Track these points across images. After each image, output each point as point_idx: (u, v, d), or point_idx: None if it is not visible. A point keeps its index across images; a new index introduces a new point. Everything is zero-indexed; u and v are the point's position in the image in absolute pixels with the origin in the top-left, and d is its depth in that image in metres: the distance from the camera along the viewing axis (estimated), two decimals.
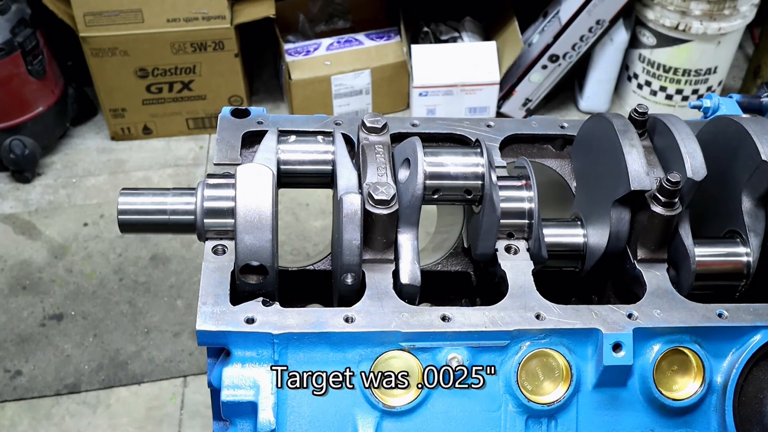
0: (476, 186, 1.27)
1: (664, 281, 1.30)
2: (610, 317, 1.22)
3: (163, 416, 2.86)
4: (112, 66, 3.68)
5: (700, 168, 1.29)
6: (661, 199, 1.28)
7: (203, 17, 3.60)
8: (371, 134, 1.33)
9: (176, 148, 3.94)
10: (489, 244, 1.29)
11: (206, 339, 1.16)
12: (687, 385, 1.25)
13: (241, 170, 1.21)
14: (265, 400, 1.14)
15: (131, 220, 1.30)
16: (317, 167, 1.37)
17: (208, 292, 1.19)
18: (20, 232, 3.49)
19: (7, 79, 3.46)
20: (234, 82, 3.87)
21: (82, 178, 3.76)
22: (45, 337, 3.09)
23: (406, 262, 1.25)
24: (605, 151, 1.33)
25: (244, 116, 1.45)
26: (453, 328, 1.18)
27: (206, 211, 1.26)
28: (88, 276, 3.31)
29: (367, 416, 1.18)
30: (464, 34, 4.13)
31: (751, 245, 1.35)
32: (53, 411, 2.87)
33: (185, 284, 3.28)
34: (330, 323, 1.17)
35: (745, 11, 3.74)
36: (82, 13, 3.51)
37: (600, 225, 1.34)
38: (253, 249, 1.19)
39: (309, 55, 3.94)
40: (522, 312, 1.21)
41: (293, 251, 3.41)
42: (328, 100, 3.96)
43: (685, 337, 1.23)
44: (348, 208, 1.20)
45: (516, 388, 1.19)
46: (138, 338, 3.09)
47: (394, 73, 3.99)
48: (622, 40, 3.95)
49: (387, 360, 1.18)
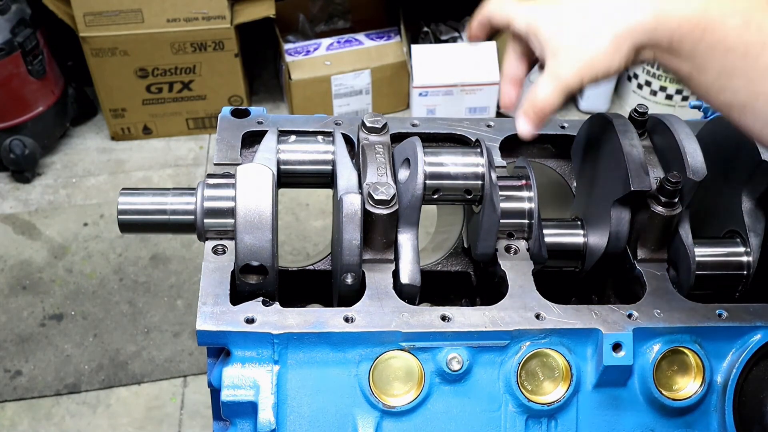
0: (476, 186, 1.27)
1: (664, 281, 1.30)
2: (610, 317, 1.22)
3: (163, 416, 2.86)
4: (112, 66, 3.68)
5: (700, 168, 1.29)
6: (661, 199, 1.28)
7: (203, 17, 3.60)
8: (371, 134, 1.33)
9: (176, 148, 3.94)
10: (489, 244, 1.29)
11: (206, 339, 1.16)
12: (687, 385, 1.25)
13: (241, 170, 1.21)
14: (265, 400, 1.14)
15: (131, 220, 1.30)
16: (317, 167, 1.37)
17: (208, 292, 1.19)
18: (20, 232, 3.49)
19: (7, 79, 3.46)
20: (234, 82, 3.87)
21: (82, 178, 3.76)
22: (45, 337, 3.09)
23: (406, 262, 1.25)
24: (605, 151, 1.33)
25: (244, 116, 1.45)
26: (453, 328, 1.18)
27: (206, 211, 1.26)
28: (88, 276, 3.31)
29: (367, 416, 1.18)
30: (464, 34, 4.13)
31: (751, 245, 1.35)
32: (53, 411, 2.87)
33: (185, 284, 3.28)
34: (330, 323, 1.17)
35: None
36: (82, 13, 3.51)
37: (600, 225, 1.34)
38: (253, 249, 1.19)
39: (309, 55, 3.94)
40: (522, 312, 1.21)
41: (293, 251, 3.41)
42: (328, 100, 3.96)
43: (685, 337, 1.23)
44: (348, 208, 1.20)
45: (516, 388, 1.19)
46: (138, 338, 3.09)
47: (394, 73, 3.99)
48: None
49: (387, 360, 1.18)
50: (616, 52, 1.04)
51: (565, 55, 1.06)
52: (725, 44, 0.98)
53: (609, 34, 1.03)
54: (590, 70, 1.05)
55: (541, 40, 1.09)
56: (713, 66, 1.00)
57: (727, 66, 0.99)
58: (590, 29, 1.04)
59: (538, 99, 1.09)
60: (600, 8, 1.05)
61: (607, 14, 1.04)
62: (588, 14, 1.05)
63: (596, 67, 1.05)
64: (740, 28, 0.98)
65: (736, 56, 0.98)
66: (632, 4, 1.03)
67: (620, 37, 1.03)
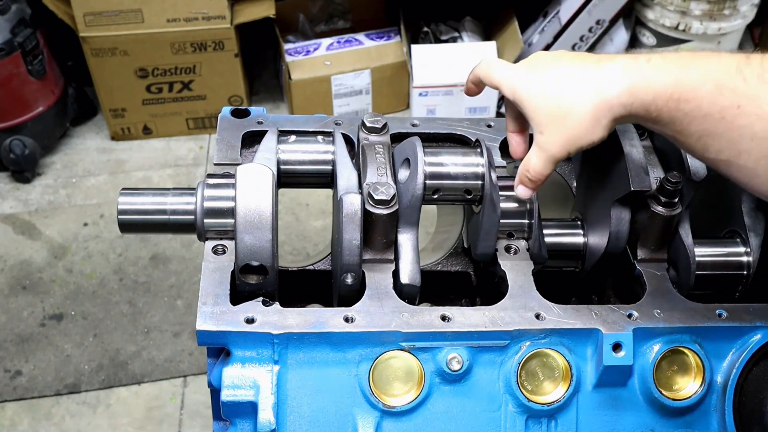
0: (476, 186, 1.27)
1: (664, 281, 1.30)
2: (610, 317, 1.22)
3: (163, 416, 2.86)
4: (112, 66, 3.68)
5: (700, 168, 1.29)
6: (661, 199, 1.28)
7: (203, 17, 3.60)
8: (371, 134, 1.33)
9: (176, 148, 3.94)
10: (489, 244, 1.29)
11: (206, 339, 1.16)
12: (687, 385, 1.25)
13: (241, 170, 1.21)
14: (265, 400, 1.14)
15: (131, 220, 1.30)
16: (317, 167, 1.37)
17: (208, 292, 1.19)
18: (20, 232, 3.49)
19: (7, 79, 3.46)
20: (234, 82, 3.87)
21: (82, 178, 3.76)
22: (45, 337, 3.09)
23: (406, 262, 1.25)
24: (605, 151, 1.33)
25: (244, 116, 1.45)
26: (453, 328, 1.18)
27: (206, 211, 1.26)
28: (88, 276, 3.31)
29: (367, 416, 1.18)
30: (464, 34, 4.13)
31: (751, 245, 1.35)
32: (53, 411, 2.87)
33: (185, 284, 3.28)
34: (330, 323, 1.17)
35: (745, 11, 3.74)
36: (82, 13, 3.51)
37: (600, 225, 1.34)
38: (253, 249, 1.19)
39: (309, 55, 3.94)
40: (522, 312, 1.22)
41: (293, 251, 3.41)
42: (328, 100, 3.96)
43: (685, 337, 1.23)
44: (348, 208, 1.20)
45: (516, 388, 1.19)
46: (138, 338, 3.09)
47: (394, 73, 3.99)
48: (622, 40, 3.95)
49: (387, 360, 1.18)
50: (597, 126, 1.09)
51: (550, 132, 1.12)
52: (701, 111, 1.02)
53: (588, 111, 1.09)
54: (574, 143, 1.12)
55: (526, 112, 1.16)
56: (693, 130, 1.04)
57: (707, 129, 1.03)
58: (570, 106, 1.10)
59: (531, 170, 1.18)
60: (578, 84, 1.10)
61: (584, 91, 1.09)
62: (567, 90, 1.10)
63: (580, 140, 1.11)
64: (713, 94, 1.01)
65: (713, 120, 1.02)
66: (608, 80, 1.07)
67: (599, 113, 1.08)
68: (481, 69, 1.25)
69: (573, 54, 1.14)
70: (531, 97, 1.14)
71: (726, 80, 1.01)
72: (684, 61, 1.04)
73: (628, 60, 1.07)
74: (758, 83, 1.00)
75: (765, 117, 0.99)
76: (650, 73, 1.05)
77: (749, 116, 1.00)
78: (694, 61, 1.04)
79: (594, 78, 1.08)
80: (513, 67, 1.19)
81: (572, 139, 1.11)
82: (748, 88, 1.00)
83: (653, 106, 1.05)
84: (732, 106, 1.00)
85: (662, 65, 1.05)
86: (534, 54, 1.20)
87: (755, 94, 0.99)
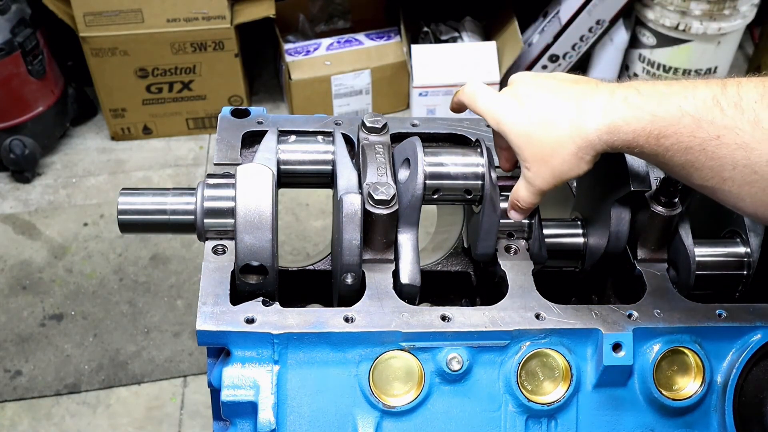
0: (476, 186, 1.27)
1: (664, 281, 1.30)
2: (610, 317, 1.22)
3: (163, 416, 2.86)
4: (112, 66, 3.68)
5: None
6: (661, 199, 1.28)
7: (203, 17, 3.60)
8: (371, 134, 1.33)
9: (176, 148, 3.94)
10: (489, 244, 1.29)
11: (206, 339, 1.16)
12: (687, 385, 1.25)
13: (241, 170, 1.21)
14: (265, 400, 1.14)
15: (131, 220, 1.30)
16: (317, 167, 1.37)
17: (208, 292, 1.19)
18: (20, 232, 3.49)
19: (7, 79, 3.46)
20: (234, 82, 3.87)
21: (82, 178, 3.76)
22: (45, 337, 3.09)
23: (406, 262, 1.25)
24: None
25: (244, 116, 1.45)
26: (453, 328, 1.18)
27: (206, 211, 1.26)
28: (88, 276, 3.31)
29: (367, 416, 1.18)
30: (464, 34, 4.13)
31: (751, 245, 1.35)
32: (53, 411, 2.87)
33: (185, 284, 3.28)
34: (330, 323, 1.17)
35: (745, 11, 3.74)
36: (82, 13, 3.51)
37: (600, 225, 1.34)
38: (253, 249, 1.19)
39: (309, 55, 3.94)
40: (522, 312, 1.22)
41: (293, 251, 3.41)
42: (328, 100, 3.96)
43: (685, 337, 1.23)
44: (348, 208, 1.20)
45: (516, 388, 1.19)
46: (138, 338, 3.09)
47: (394, 73, 3.99)
48: (622, 40, 3.96)
49: (387, 360, 1.18)
50: (581, 162, 1.13)
51: (536, 168, 1.16)
52: (682, 145, 1.04)
53: (572, 151, 1.12)
54: (560, 178, 1.16)
55: (512, 146, 1.18)
56: (676, 162, 1.06)
57: (689, 160, 1.05)
58: (554, 148, 1.13)
59: (520, 200, 1.22)
60: (560, 125, 1.12)
61: (567, 132, 1.11)
62: (550, 131, 1.13)
63: (565, 175, 1.15)
64: (692, 128, 1.02)
65: (694, 153, 1.03)
66: (591, 118, 1.09)
67: (581, 152, 1.12)
68: (465, 95, 1.27)
69: (554, 85, 1.16)
70: (516, 134, 1.16)
71: (703, 113, 1.02)
72: (660, 97, 1.05)
73: (607, 97, 1.09)
74: (735, 112, 1.00)
75: (744, 146, 1.00)
76: (627, 112, 1.06)
77: (729, 146, 1.01)
78: (670, 95, 1.05)
79: (575, 119, 1.10)
80: (497, 99, 1.20)
81: (558, 174, 1.15)
82: (725, 119, 1.00)
83: (634, 142, 1.07)
84: (711, 138, 1.01)
85: (639, 103, 1.06)
86: (519, 78, 1.21)
87: (733, 125, 1.00)
